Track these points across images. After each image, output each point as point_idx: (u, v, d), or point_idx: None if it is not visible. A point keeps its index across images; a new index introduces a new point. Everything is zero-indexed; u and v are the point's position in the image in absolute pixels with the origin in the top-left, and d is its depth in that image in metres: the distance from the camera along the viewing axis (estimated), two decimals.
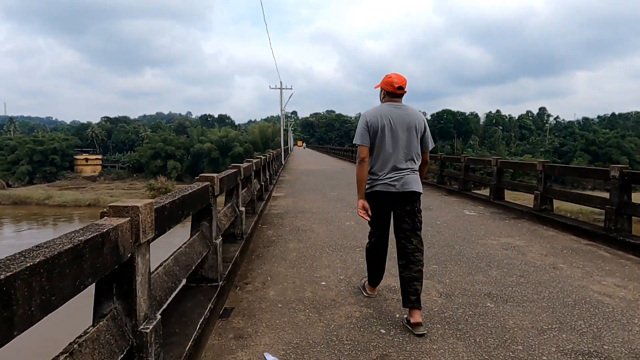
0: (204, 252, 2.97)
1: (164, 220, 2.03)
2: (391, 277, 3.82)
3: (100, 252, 1.35)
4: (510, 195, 10.15)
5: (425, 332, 2.68)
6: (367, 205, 2.97)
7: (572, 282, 3.73)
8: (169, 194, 2.37)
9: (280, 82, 24.70)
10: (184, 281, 2.43)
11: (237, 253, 4.02)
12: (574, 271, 4.05)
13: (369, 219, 3.01)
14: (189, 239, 2.90)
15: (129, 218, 1.58)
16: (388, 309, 3.10)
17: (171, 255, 2.43)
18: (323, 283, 3.68)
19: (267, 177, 9.69)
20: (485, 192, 10.18)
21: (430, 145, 3.04)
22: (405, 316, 2.83)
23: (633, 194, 5.14)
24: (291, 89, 26.27)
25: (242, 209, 4.75)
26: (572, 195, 6.11)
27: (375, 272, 3.27)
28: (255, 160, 6.91)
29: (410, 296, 2.76)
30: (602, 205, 5.34)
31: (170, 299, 2.46)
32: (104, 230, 1.39)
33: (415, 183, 2.90)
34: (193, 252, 2.75)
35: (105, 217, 1.58)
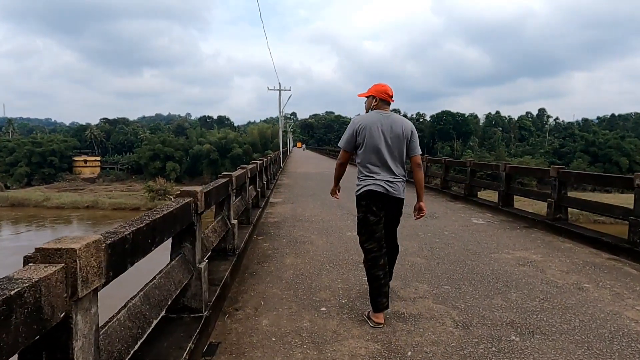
0: (184, 279, 2.56)
1: (124, 255, 1.62)
2: (399, 301, 3.42)
3: (4, 326, 0.95)
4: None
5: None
6: (338, 189, 3.53)
7: (602, 307, 3.32)
8: (136, 217, 1.97)
9: (279, 84, 24.30)
10: (155, 322, 2.02)
11: (227, 273, 3.61)
12: (602, 293, 3.65)
13: (337, 198, 3.59)
14: (167, 265, 2.49)
15: (63, 265, 1.18)
16: (398, 344, 2.69)
17: (140, 290, 2.02)
18: (323, 309, 3.27)
19: (264, 182, 9.28)
20: (486, 194, 9.77)
21: (416, 151, 3.20)
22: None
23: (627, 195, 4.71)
24: (290, 90, 25.87)
25: (235, 221, 4.34)
26: (590, 204, 5.71)
27: (378, 290, 2.99)
28: (250, 167, 6.50)
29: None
30: (625, 216, 4.93)
31: (143, 338, 2.05)
32: (13, 291, 0.98)
33: (403, 191, 3.18)
34: (170, 282, 2.34)
35: (30, 265, 1.17)
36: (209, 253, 3.61)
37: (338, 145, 3.32)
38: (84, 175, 65.76)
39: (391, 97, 3.19)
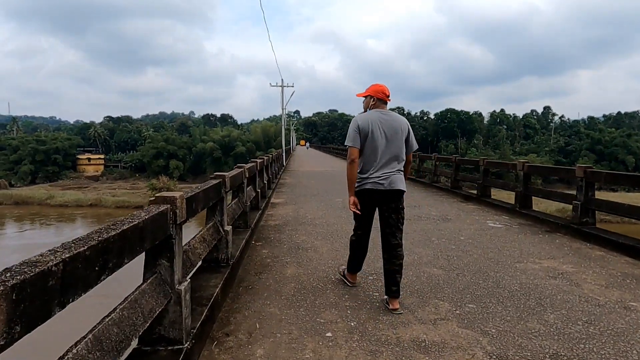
0: (159, 306, 2.07)
1: (47, 297, 1.12)
2: (417, 323, 2.93)
3: None
4: (509, 196, 9.06)
5: (402, 312, 3.10)
6: (357, 200, 3.31)
7: None
8: (80, 237, 1.48)
9: (282, 80, 23.80)
10: None
11: (217, 289, 3.13)
12: None
13: (359, 213, 3.33)
14: (136, 289, 2.00)
15: None
16: None
17: (89, 332, 1.53)
18: (329, 334, 2.78)
19: (265, 182, 8.80)
20: (494, 193, 9.22)
21: (414, 147, 3.36)
22: (386, 298, 3.24)
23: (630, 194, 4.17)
24: (293, 86, 25.36)
25: (228, 228, 3.85)
26: (623, 207, 5.18)
27: (357, 262, 3.57)
28: (248, 165, 6.01)
29: (392, 287, 3.17)
30: None
31: None
32: None
33: (400, 182, 3.25)
34: (137, 313, 1.85)
35: None
36: (197, 266, 3.14)
37: (345, 144, 3.39)
38: (88, 174, 65.60)
39: (388, 96, 3.35)
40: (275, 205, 8.40)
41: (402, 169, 3.29)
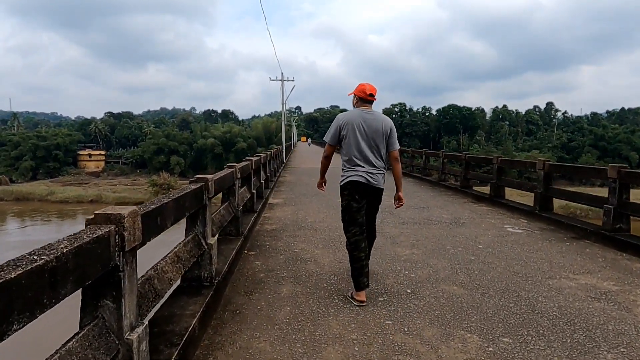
0: None
1: None
2: (431, 348, 2.32)
3: None
4: (510, 193, 8.46)
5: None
6: (324, 182, 3.77)
7: None
8: None
9: (282, 73, 23.16)
10: None
11: (195, 320, 2.53)
12: None
13: (323, 191, 3.89)
14: (62, 346, 1.41)
15: None
16: None
17: None
18: None
19: (263, 181, 8.20)
20: (495, 190, 8.59)
21: (397, 145, 3.44)
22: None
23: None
24: (293, 80, 24.74)
25: (213, 240, 3.26)
26: None
27: (360, 270, 3.25)
28: (241, 165, 5.40)
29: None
30: None
31: None
32: None
33: (382, 182, 3.40)
34: None
35: None
36: (168, 294, 2.55)
37: (323, 139, 3.57)
38: (89, 170, 65.16)
39: (370, 95, 3.38)
40: (273, 207, 7.80)
41: (384, 166, 3.41)
